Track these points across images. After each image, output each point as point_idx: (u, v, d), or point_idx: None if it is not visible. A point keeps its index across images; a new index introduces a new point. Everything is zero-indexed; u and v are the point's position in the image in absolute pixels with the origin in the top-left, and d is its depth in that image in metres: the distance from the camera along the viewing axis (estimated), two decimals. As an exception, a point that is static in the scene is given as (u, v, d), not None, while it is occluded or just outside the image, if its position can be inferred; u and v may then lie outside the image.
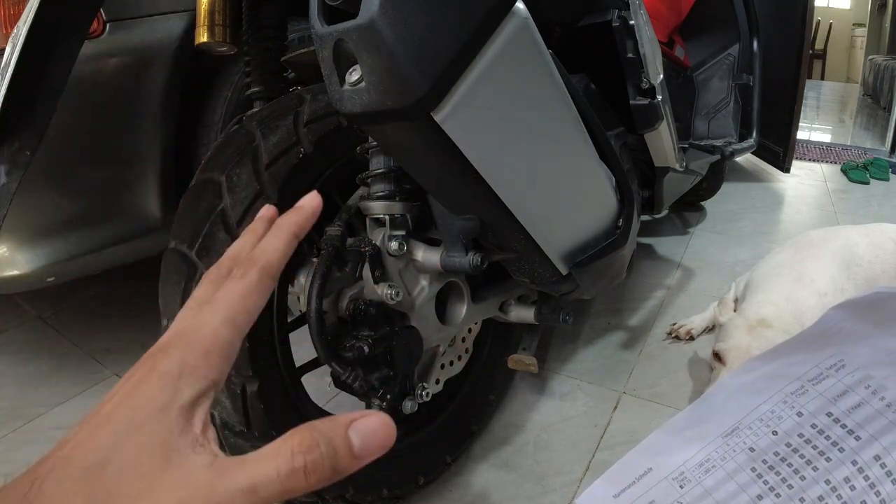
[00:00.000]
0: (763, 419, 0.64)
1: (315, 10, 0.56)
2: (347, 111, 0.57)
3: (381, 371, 0.76)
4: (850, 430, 0.59)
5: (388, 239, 0.76)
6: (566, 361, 1.31)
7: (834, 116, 5.43)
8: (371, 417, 0.25)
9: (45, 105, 0.72)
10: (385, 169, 0.74)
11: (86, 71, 1.12)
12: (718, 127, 1.78)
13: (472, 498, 0.97)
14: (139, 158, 1.22)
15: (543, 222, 0.75)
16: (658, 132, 1.05)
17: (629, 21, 0.92)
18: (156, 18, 1.20)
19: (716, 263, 1.84)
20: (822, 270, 1.28)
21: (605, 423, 1.12)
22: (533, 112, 0.67)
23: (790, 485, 0.58)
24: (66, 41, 0.72)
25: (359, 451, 0.24)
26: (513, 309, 1.02)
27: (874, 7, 6.94)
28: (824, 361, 0.65)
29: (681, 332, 1.39)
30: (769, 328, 1.12)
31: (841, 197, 2.59)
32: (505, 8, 0.57)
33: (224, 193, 0.73)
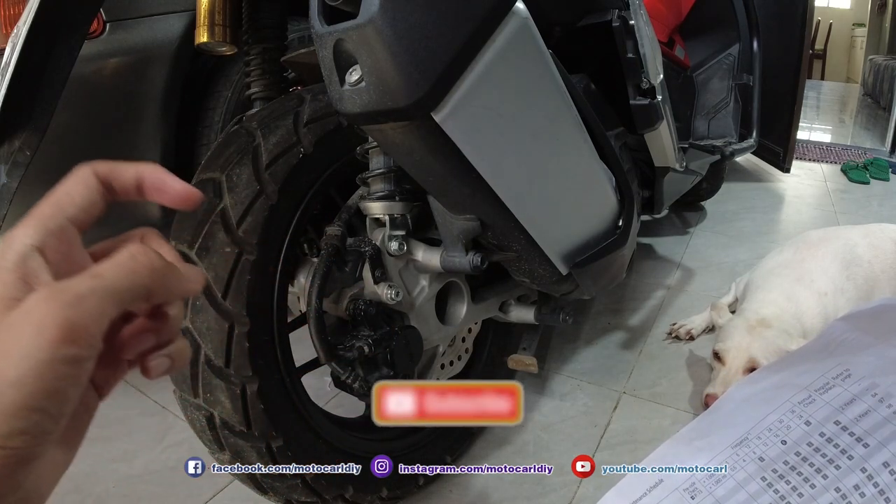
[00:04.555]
0: (772, 429, 0.64)
1: (315, 10, 0.56)
2: (347, 111, 0.57)
3: (381, 371, 0.76)
4: (859, 438, 0.59)
5: (388, 239, 0.76)
6: (566, 361, 1.31)
7: (834, 116, 5.43)
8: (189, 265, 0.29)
9: (45, 105, 0.72)
10: (385, 169, 0.75)
11: (86, 71, 1.12)
12: (718, 127, 1.78)
13: (472, 498, 0.97)
14: (139, 158, 1.21)
15: (543, 222, 0.75)
16: (658, 132, 1.05)
17: (629, 21, 0.92)
18: (156, 18, 1.20)
19: (716, 263, 1.84)
20: (822, 270, 1.28)
21: (605, 423, 1.12)
22: (533, 112, 0.66)
23: (800, 493, 0.58)
24: (66, 41, 0.72)
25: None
26: (513, 309, 1.02)
27: (874, 7, 6.94)
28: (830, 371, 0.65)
29: (681, 332, 1.39)
30: (769, 328, 1.12)
31: (841, 197, 2.59)
32: (505, 8, 0.57)
33: (224, 193, 0.73)
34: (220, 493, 0.96)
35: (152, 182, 0.31)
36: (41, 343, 0.22)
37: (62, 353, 0.22)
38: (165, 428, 1.11)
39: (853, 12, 8.02)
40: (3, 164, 0.74)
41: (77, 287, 0.23)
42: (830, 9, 8.12)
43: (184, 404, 0.75)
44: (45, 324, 0.22)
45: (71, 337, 0.22)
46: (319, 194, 0.81)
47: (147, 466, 1.02)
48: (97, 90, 1.15)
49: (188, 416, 0.76)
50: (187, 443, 1.07)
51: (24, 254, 0.26)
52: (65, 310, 0.23)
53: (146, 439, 1.08)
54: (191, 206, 0.31)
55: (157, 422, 1.13)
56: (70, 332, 0.22)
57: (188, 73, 1.25)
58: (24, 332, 0.22)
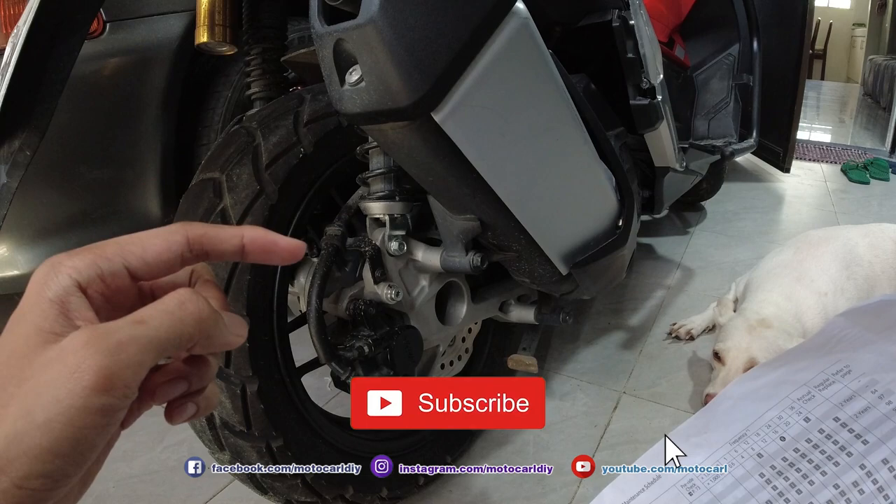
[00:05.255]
0: (770, 425, 0.64)
1: (315, 10, 0.56)
2: (347, 111, 0.57)
3: (381, 371, 0.76)
4: (858, 435, 0.59)
5: (388, 239, 0.76)
6: (566, 361, 1.31)
7: (834, 116, 5.43)
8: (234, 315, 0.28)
9: (45, 105, 0.72)
10: (385, 169, 0.74)
11: (86, 71, 1.12)
12: (718, 127, 1.78)
13: (472, 498, 0.97)
14: (139, 158, 1.22)
15: (543, 222, 0.75)
16: (658, 132, 1.05)
17: (629, 21, 0.92)
18: (156, 18, 1.20)
19: (716, 263, 1.84)
20: (822, 270, 1.28)
21: (605, 423, 1.12)
22: (533, 112, 0.66)
23: (799, 490, 0.58)
24: (66, 41, 0.72)
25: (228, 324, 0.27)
26: (513, 309, 1.02)
27: (874, 7, 6.94)
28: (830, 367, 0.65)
29: (681, 332, 1.39)
30: (769, 328, 1.12)
31: (841, 197, 2.59)
32: (505, 8, 0.57)
33: (224, 193, 0.73)
34: (220, 493, 0.96)
35: (259, 246, 0.29)
36: (75, 389, 0.21)
37: (96, 402, 0.21)
38: (165, 428, 1.11)
39: (853, 12, 8.02)
40: (3, 164, 0.74)
41: (119, 334, 0.23)
42: (830, 9, 8.12)
43: (184, 404, 0.75)
44: (82, 369, 0.21)
45: (107, 386, 0.22)
46: (319, 194, 0.81)
47: (147, 466, 1.02)
48: (97, 90, 1.15)
49: (188, 416, 0.75)
50: (187, 443, 1.07)
51: (67, 288, 0.24)
52: (104, 357, 0.22)
53: (146, 439, 1.08)
54: (297, 258, 0.30)
55: (157, 422, 1.11)
56: (106, 382, 0.22)
57: (188, 73, 1.25)
58: (58, 374, 0.21)
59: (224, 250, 0.28)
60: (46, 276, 0.24)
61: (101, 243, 0.26)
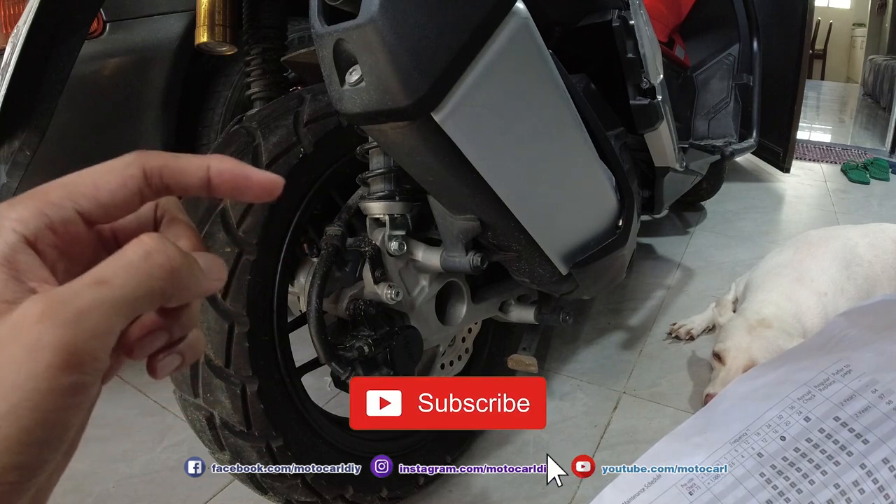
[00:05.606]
0: (771, 425, 0.64)
1: (315, 10, 0.56)
2: (347, 111, 0.57)
3: (380, 371, 0.76)
4: (858, 434, 0.59)
5: (388, 239, 0.76)
6: (566, 361, 1.31)
7: (834, 116, 5.43)
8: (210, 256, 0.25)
9: (45, 105, 0.72)
10: (385, 169, 0.74)
11: (86, 71, 1.12)
12: (718, 127, 1.78)
13: (472, 498, 0.97)
14: (139, 158, 1.22)
15: (543, 222, 0.75)
16: (658, 132, 1.05)
17: (629, 21, 0.92)
18: (156, 18, 1.20)
19: (716, 263, 1.84)
20: (822, 270, 1.28)
21: (605, 423, 1.12)
22: (533, 112, 0.66)
23: (799, 489, 0.58)
24: (66, 41, 0.72)
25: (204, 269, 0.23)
26: (513, 309, 1.02)
27: (874, 7, 6.94)
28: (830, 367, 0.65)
29: (681, 332, 1.39)
30: (769, 328, 1.12)
31: (841, 197, 2.59)
32: (505, 8, 0.57)
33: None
34: (220, 493, 0.96)
35: (228, 179, 0.25)
36: (36, 370, 0.18)
37: (63, 381, 0.19)
38: (165, 428, 1.11)
39: (853, 12, 8.02)
40: (3, 164, 0.74)
41: (79, 300, 0.19)
42: (830, 9, 8.11)
43: (184, 404, 0.75)
44: (41, 346, 0.18)
45: (72, 362, 0.19)
46: (319, 194, 0.81)
47: (147, 466, 1.02)
48: (97, 90, 1.15)
49: (188, 416, 0.76)
50: (187, 443, 1.07)
51: (13, 245, 0.21)
52: (64, 330, 0.19)
53: (146, 439, 1.08)
54: (274, 195, 0.26)
55: (157, 422, 1.12)
56: (71, 358, 0.19)
57: (188, 73, 1.25)
58: (15, 354, 0.18)
59: (188, 183, 0.24)
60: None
61: (45, 186, 0.22)
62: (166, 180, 0.24)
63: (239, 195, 0.25)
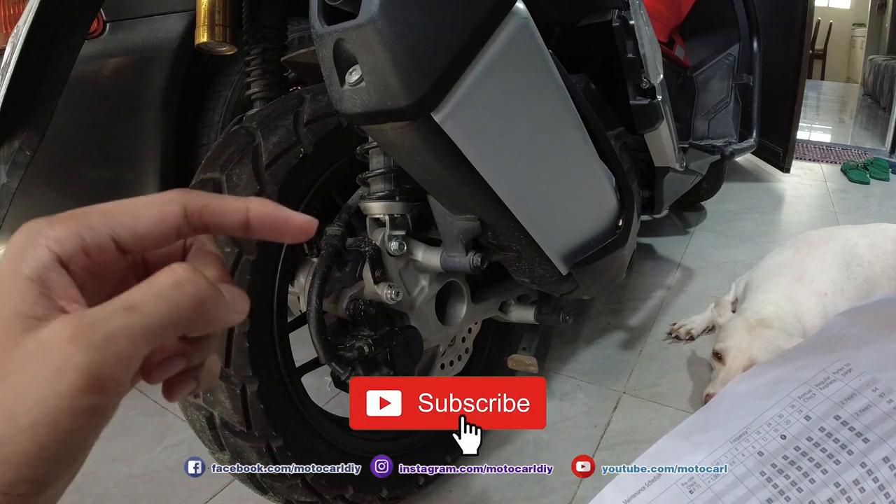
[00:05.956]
0: (771, 423, 0.64)
1: (315, 10, 0.56)
2: (347, 111, 0.57)
3: (381, 371, 0.76)
4: (859, 433, 0.59)
5: (388, 239, 0.76)
6: (566, 361, 1.31)
7: (834, 116, 5.43)
8: (234, 288, 0.25)
9: (45, 105, 0.72)
10: (385, 169, 0.74)
11: (86, 71, 1.12)
12: (718, 127, 1.78)
13: (472, 498, 0.97)
14: (139, 158, 1.22)
15: (543, 222, 0.75)
16: (658, 132, 1.05)
17: (629, 21, 0.92)
18: (156, 18, 1.20)
19: (716, 263, 1.84)
20: (822, 270, 1.28)
21: (605, 423, 1.12)
22: (533, 112, 0.66)
23: (800, 488, 0.58)
24: (66, 41, 0.72)
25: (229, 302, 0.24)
26: (513, 309, 1.02)
27: (874, 7, 6.94)
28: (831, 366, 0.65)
29: (681, 332, 1.39)
30: (769, 328, 1.12)
31: (841, 197, 2.59)
32: (505, 8, 0.57)
33: (224, 193, 0.73)
34: (220, 493, 0.96)
35: (268, 222, 0.26)
36: (60, 390, 0.19)
37: (84, 402, 0.19)
38: (165, 428, 1.11)
39: (853, 12, 8.02)
40: (3, 164, 0.74)
41: (107, 324, 0.20)
42: (830, 9, 8.11)
43: (184, 404, 0.75)
44: (68, 367, 0.19)
45: (96, 385, 0.19)
46: (319, 194, 0.81)
47: (147, 466, 1.02)
48: (97, 90, 1.15)
49: (188, 416, 0.76)
50: (187, 443, 1.07)
51: (46, 263, 0.21)
52: (91, 353, 0.19)
53: (146, 439, 1.08)
54: (309, 236, 0.26)
55: (157, 422, 1.12)
56: (95, 381, 0.19)
57: (188, 73, 1.25)
58: (41, 372, 0.19)
59: (227, 224, 0.25)
60: (23, 248, 0.21)
61: (86, 210, 0.23)
62: (205, 220, 0.25)
63: (276, 237, 0.26)
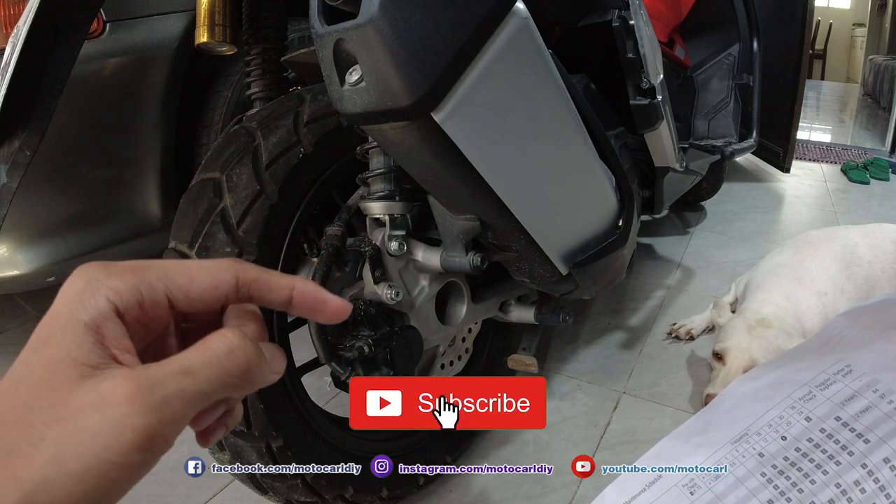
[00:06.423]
0: (772, 425, 0.64)
1: (315, 10, 0.56)
2: (347, 111, 0.57)
3: (380, 371, 0.76)
4: (859, 434, 0.59)
5: (388, 239, 0.75)
6: (566, 361, 1.31)
7: (834, 116, 5.43)
8: (273, 347, 0.27)
9: (45, 105, 0.72)
10: (385, 169, 0.74)
11: (86, 71, 1.12)
12: (718, 127, 1.78)
13: (472, 498, 0.97)
14: (139, 158, 1.22)
15: (543, 222, 0.75)
16: (658, 132, 1.05)
17: (629, 21, 0.92)
18: (156, 18, 1.20)
19: (716, 263, 1.84)
20: (822, 270, 1.28)
21: (605, 423, 1.12)
22: (533, 112, 0.66)
23: (800, 489, 0.58)
24: (66, 41, 0.72)
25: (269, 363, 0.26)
26: (513, 309, 1.02)
27: (874, 7, 6.94)
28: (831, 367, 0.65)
29: (681, 332, 1.39)
30: (769, 328, 1.12)
31: (841, 197, 2.59)
32: (505, 8, 0.57)
33: (224, 193, 0.73)
34: (220, 493, 0.96)
35: (308, 303, 0.28)
36: (115, 445, 0.20)
37: (135, 458, 0.20)
38: (165, 428, 1.11)
39: (853, 12, 8.02)
40: (3, 164, 0.74)
41: (165, 388, 0.21)
42: (830, 9, 8.11)
43: (184, 404, 0.75)
44: (125, 427, 0.20)
45: (148, 444, 0.20)
46: (319, 194, 0.81)
47: (147, 466, 1.02)
48: (97, 90, 1.15)
49: (188, 416, 0.75)
50: (187, 443, 1.05)
51: (104, 312, 0.22)
52: (149, 415, 0.20)
53: (146, 439, 1.08)
54: (342, 319, 0.29)
55: (157, 422, 1.12)
56: (149, 440, 0.20)
57: (188, 73, 1.25)
58: (98, 425, 0.20)
59: (272, 299, 0.27)
60: (81, 294, 0.22)
61: (145, 264, 0.24)
62: (253, 292, 0.27)
63: (313, 315, 0.28)
